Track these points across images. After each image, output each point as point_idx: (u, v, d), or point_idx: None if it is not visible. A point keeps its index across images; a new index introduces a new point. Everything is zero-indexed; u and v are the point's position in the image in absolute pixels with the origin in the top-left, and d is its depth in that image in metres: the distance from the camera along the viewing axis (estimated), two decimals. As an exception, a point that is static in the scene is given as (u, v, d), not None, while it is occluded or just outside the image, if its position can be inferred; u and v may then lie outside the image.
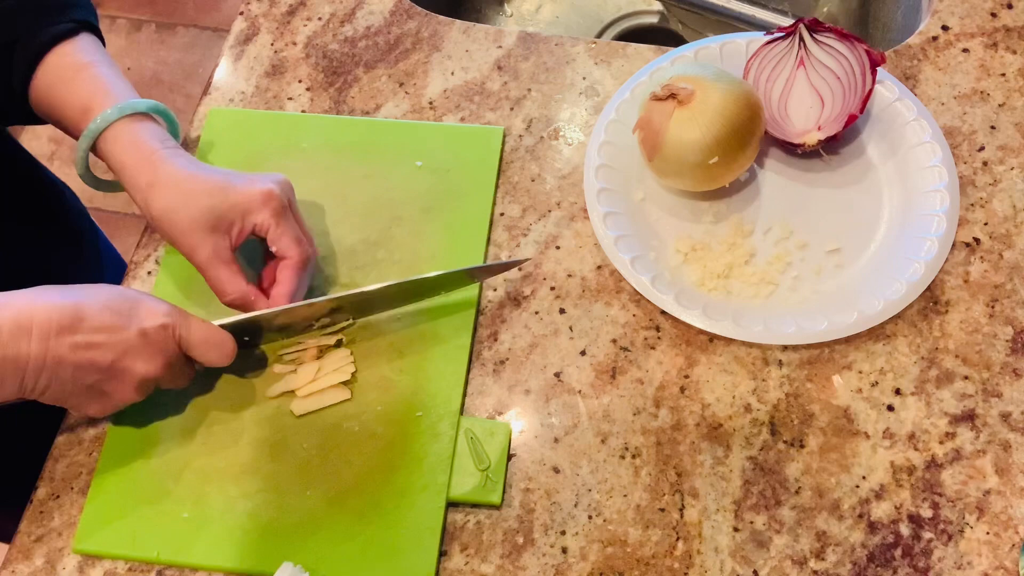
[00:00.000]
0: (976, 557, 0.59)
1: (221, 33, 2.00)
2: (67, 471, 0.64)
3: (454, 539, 0.61)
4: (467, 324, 0.67)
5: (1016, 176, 0.72)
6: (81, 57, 0.65)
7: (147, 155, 0.63)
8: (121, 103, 0.63)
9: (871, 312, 0.65)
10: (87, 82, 0.65)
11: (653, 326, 0.67)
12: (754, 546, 0.60)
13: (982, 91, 0.75)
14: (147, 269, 0.71)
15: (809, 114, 0.71)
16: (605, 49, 0.80)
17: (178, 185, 0.62)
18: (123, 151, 0.63)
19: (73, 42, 0.66)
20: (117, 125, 0.63)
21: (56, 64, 0.65)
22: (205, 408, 0.65)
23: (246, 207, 0.62)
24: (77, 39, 0.66)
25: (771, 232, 0.70)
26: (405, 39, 0.81)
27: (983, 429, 0.63)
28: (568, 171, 0.74)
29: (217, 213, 0.62)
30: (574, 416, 0.64)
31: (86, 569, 0.61)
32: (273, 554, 0.60)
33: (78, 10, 0.67)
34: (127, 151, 0.63)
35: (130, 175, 0.63)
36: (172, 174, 0.62)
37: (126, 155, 0.63)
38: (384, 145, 0.75)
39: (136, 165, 0.63)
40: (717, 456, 0.63)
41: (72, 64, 0.65)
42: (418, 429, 0.63)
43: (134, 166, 0.63)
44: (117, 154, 0.63)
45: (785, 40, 0.72)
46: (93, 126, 0.63)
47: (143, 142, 0.63)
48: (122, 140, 0.63)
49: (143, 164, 0.63)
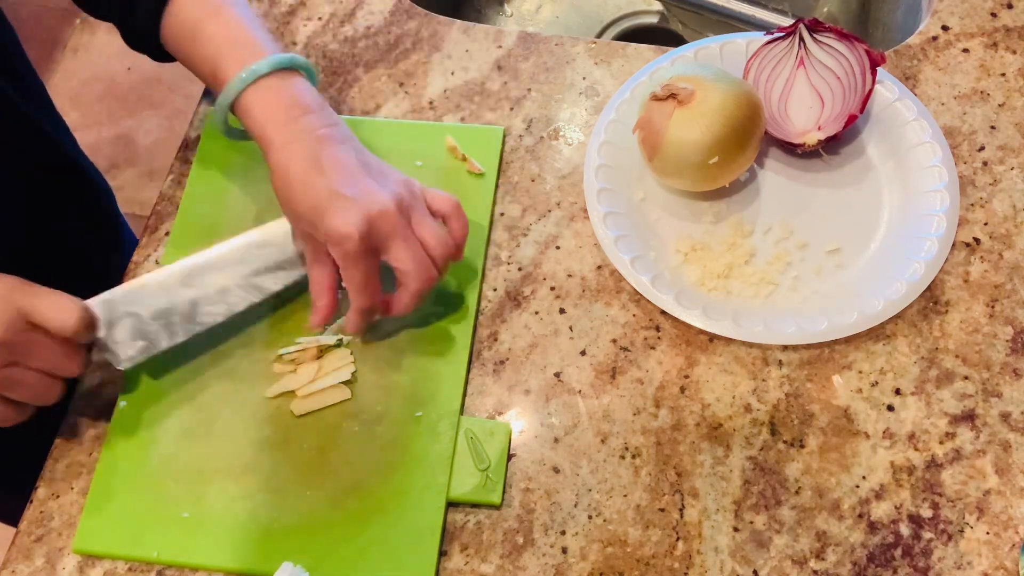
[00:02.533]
0: (976, 557, 0.59)
1: (221, 33, 2.00)
2: (67, 471, 0.64)
3: (454, 539, 0.61)
4: (467, 324, 0.67)
5: (1016, 176, 0.72)
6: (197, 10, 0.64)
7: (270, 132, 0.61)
8: (243, 72, 0.61)
9: (871, 312, 0.65)
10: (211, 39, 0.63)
11: (653, 326, 0.67)
12: (754, 546, 0.60)
13: (982, 91, 0.75)
14: (147, 269, 0.71)
15: (809, 114, 0.71)
16: (605, 49, 0.80)
17: (288, 183, 0.60)
18: (252, 124, 0.62)
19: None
20: (243, 96, 0.62)
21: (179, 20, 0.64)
22: (205, 408, 0.65)
23: (326, 239, 0.60)
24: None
25: (771, 232, 0.70)
26: (405, 39, 0.81)
27: (983, 429, 0.63)
28: (568, 171, 0.74)
29: (309, 229, 0.61)
30: (574, 416, 0.64)
31: (86, 569, 0.61)
32: (273, 554, 0.60)
33: None
34: (255, 125, 0.62)
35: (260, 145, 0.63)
36: (286, 165, 0.61)
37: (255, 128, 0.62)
38: (384, 145, 0.75)
39: (262, 142, 0.62)
40: (717, 456, 0.63)
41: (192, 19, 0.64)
42: (418, 429, 0.63)
43: (261, 142, 0.62)
44: (248, 126, 0.63)
45: (785, 40, 0.72)
46: (221, 101, 0.62)
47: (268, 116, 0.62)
48: (249, 113, 0.62)
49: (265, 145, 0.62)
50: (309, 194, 0.59)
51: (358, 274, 0.60)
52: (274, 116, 0.62)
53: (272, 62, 0.62)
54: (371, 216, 0.59)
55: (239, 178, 0.74)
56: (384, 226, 0.59)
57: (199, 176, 0.74)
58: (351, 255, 0.59)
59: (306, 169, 0.60)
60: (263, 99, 0.62)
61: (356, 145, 0.63)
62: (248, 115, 0.62)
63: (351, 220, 0.58)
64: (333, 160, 0.60)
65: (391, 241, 0.60)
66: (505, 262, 0.70)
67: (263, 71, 0.62)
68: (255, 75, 0.62)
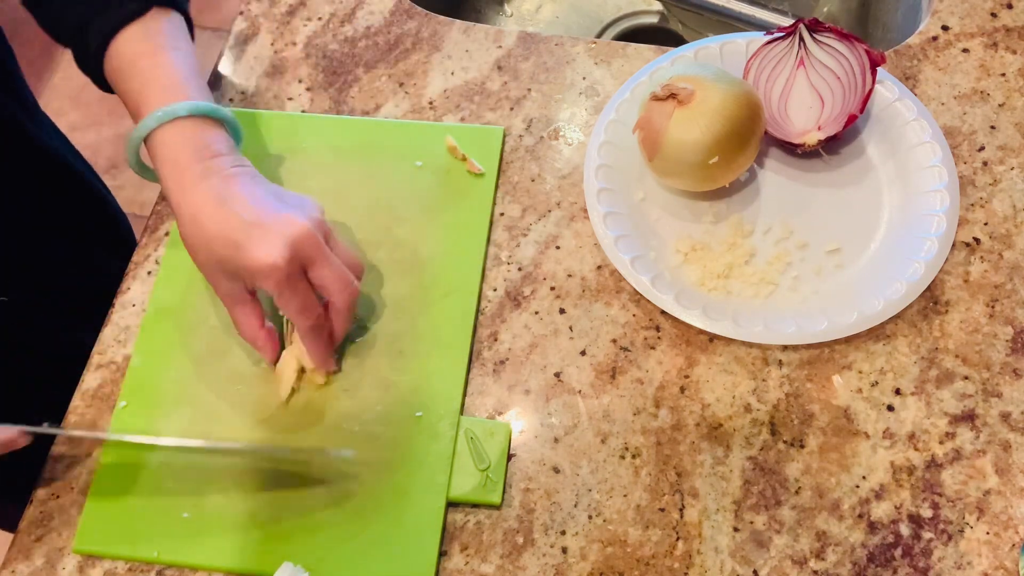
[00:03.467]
0: (976, 557, 0.59)
1: (221, 33, 2.00)
2: (67, 471, 0.64)
3: (454, 539, 0.61)
4: (467, 324, 0.67)
5: (1016, 176, 0.72)
6: (142, 44, 0.63)
7: (180, 174, 0.61)
8: (159, 111, 0.61)
9: (871, 312, 0.65)
10: (140, 77, 0.63)
11: (653, 326, 0.67)
12: (754, 546, 0.60)
13: (982, 91, 0.75)
14: (147, 269, 0.71)
15: (809, 114, 0.71)
16: (605, 49, 0.80)
17: (198, 224, 0.59)
18: (161, 165, 0.62)
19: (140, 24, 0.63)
20: (156, 134, 0.61)
21: (120, 52, 0.63)
22: (205, 409, 0.65)
23: (251, 273, 0.59)
24: (143, 21, 0.64)
25: (771, 232, 0.70)
26: (405, 39, 0.81)
27: (983, 429, 0.63)
28: (568, 171, 0.74)
29: (230, 267, 0.60)
30: (574, 416, 0.64)
31: (86, 569, 0.61)
32: (273, 554, 0.60)
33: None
34: (165, 165, 0.61)
35: (165, 189, 0.62)
36: (195, 207, 0.60)
37: (164, 168, 0.61)
38: (384, 145, 0.75)
39: (168, 185, 0.61)
40: (717, 456, 0.63)
41: (132, 53, 0.63)
42: (418, 429, 0.63)
43: (167, 185, 0.61)
44: (156, 166, 0.62)
45: (785, 40, 0.72)
46: (134, 135, 0.62)
47: (177, 157, 0.61)
48: (159, 153, 0.61)
49: (173, 187, 0.61)
50: (224, 230, 0.58)
51: (295, 299, 0.60)
52: (182, 157, 0.61)
53: (191, 107, 0.61)
54: (292, 240, 0.58)
55: (239, 178, 0.74)
56: (306, 248, 0.59)
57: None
58: (282, 282, 0.58)
59: (216, 207, 0.59)
60: (173, 140, 0.61)
61: (265, 182, 0.63)
62: (156, 154, 0.62)
63: (274, 248, 0.58)
64: (244, 194, 0.60)
65: (314, 262, 0.60)
66: (505, 262, 0.70)
67: (180, 113, 0.61)
68: (171, 115, 0.61)
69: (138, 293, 0.70)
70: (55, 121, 0.89)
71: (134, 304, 0.70)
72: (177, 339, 0.68)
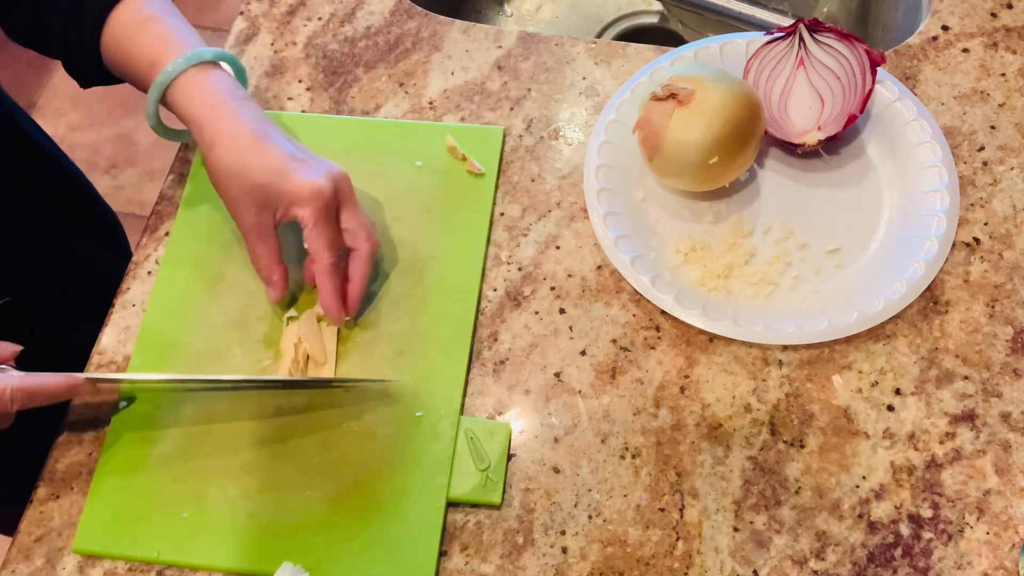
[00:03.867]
0: (976, 557, 0.59)
1: (221, 33, 2.00)
2: (67, 471, 0.64)
3: (454, 539, 0.61)
4: (467, 324, 0.67)
5: (1016, 176, 0.72)
6: (145, 10, 0.65)
7: (214, 108, 0.62)
8: (187, 53, 0.63)
9: (871, 312, 0.65)
10: (152, 36, 0.64)
11: (653, 326, 0.67)
12: (754, 546, 0.60)
13: (982, 91, 0.75)
14: (147, 269, 0.71)
15: (809, 114, 0.71)
16: (605, 49, 0.80)
17: (237, 152, 0.61)
18: (190, 102, 0.63)
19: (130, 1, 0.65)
20: (183, 77, 0.63)
21: (121, 20, 0.65)
22: (205, 408, 0.65)
23: (293, 198, 0.61)
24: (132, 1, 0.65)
25: (771, 232, 0.70)
26: (405, 39, 0.81)
27: (983, 429, 0.63)
28: (568, 171, 0.74)
29: (267, 194, 0.61)
30: (574, 416, 0.64)
31: (86, 569, 0.61)
32: (273, 554, 0.60)
33: None
34: (194, 103, 0.63)
35: (197, 128, 0.63)
36: (234, 136, 0.62)
37: (193, 106, 0.63)
38: (384, 145, 0.75)
39: (203, 117, 0.62)
40: (717, 456, 0.63)
41: (136, 19, 0.65)
42: (418, 429, 0.63)
43: (201, 118, 0.63)
44: (184, 106, 0.63)
45: (785, 40, 0.72)
46: (160, 78, 0.63)
47: (210, 94, 0.63)
48: (189, 92, 0.63)
49: (209, 117, 0.62)
50: (267, 159, 0.61)
51: (327, 231, 0.62)
52: (215, 93, 0.63)
53: (216, 53, 0.64)
54: (334, 175, 0.62)
55: (239, 178, 0.74)
56: (343, 186, 0.63)
57: (199, 176, 0.74)
58: (321, 210, 0.61)
59: (257, 138, 0.61)
60: (203, 78, 0.63)
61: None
62: (186, 92, 0.63)
63: (320, 176, 0.61)
64: (281, 134, 0.63)
65: (346, 204, 0.63)
66: (505, 262, 0.70)
67: (206, 57, 0.63)
68: (197, 59, 0.63)
69: (138, 293, 0.70)
70: (55, 121, 0.89)
71: (134, 304, 0.70)
72: (177, 339, 0.67)
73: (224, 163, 0.62)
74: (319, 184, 0.61)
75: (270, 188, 0.61)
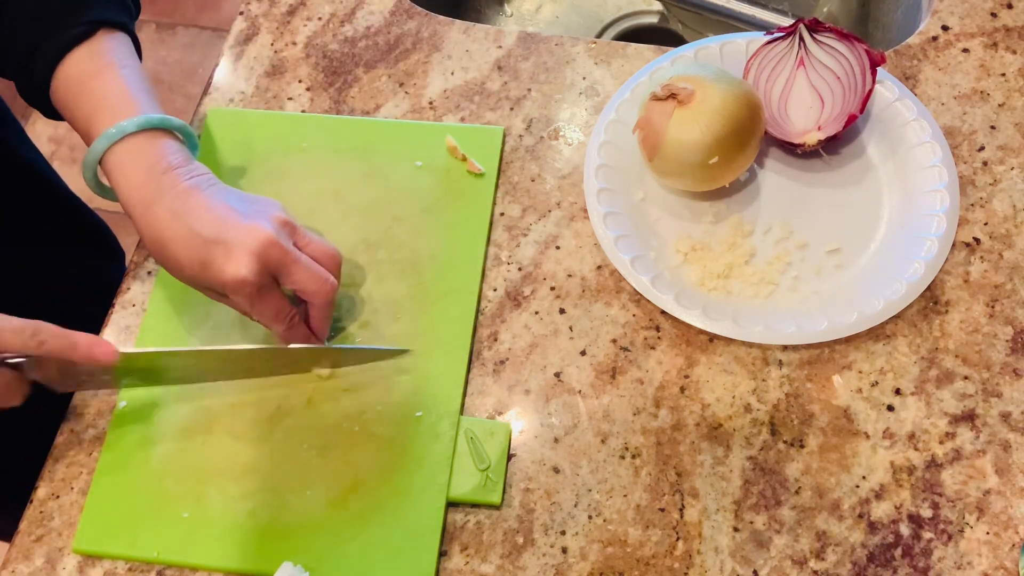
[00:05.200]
0: (976, 557, 0.59)
1: (221, 33, 2.00)
2: (67, 471, 0.64)
3: (454, 539, 0.61)
4: (467, 324, 0.67)
5: (1016, 176, 0.72)
6: (87, 66, 0.62)
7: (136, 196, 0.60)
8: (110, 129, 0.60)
9: (871, 312, 0.65)
10: (87, 97, 0.62)
11: (653, 326, 0.67)
12: (754, 546, 0.60)
13: (982, 91, 0.75)
14: (147, 269, 0.71)
15: (809, 114, 0.71)
16: (605, 49, 0.80)
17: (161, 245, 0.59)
18: (116, 187, 0.61)
19: (87, 46, 0.63)
20: (109, 155, 0.60)
21: (66, 75, 0.62)
22: (205, 408, 0.65)
23: (223, 288, 0.59)
24: (91, 42, 0.63)
25: (771, 232, 0.70)
26: (405, 39, 0.81)
27: (983, 429, 0.63)
28: (568, 171, 0.74)
29: (201, 285, 0.60)
30: (574, 416, 0.64)
31: (86, 569, 0.61)
32: (273, 554, 0.60)
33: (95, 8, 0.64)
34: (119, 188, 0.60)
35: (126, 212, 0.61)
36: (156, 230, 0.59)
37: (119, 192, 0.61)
38: (384, 145, 0.75)
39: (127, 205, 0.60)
40: (717, 456, 0.63)
41: (78, 75, 0.62)
42: (418, 429, 0.63)
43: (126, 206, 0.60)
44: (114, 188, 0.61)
45: (785, 40, 0.72)
46: (88, 157, 0.61)
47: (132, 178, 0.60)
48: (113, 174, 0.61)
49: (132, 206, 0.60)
50: (187, 251, 0.58)
51: (268, 308, 0.60)
52: (135, 178, 0.60)
53: (140, 121, 0.60)
54: (257, 252, 0.58)
55: (239, 178, 0.74)
56: (273, 256, 0.58)
57: (199, 176, 0.74)
58: (253, 296, 0.59)
59: (176, 228, 0.58)
60: (125, 160, 0.60)
61: (222, 187, 0.62)
62: (111, 177, 0.61)
63: (240, 263, 0.57)
64: (200, 209, 0.59)
65: (284, 267, 0.59)
66: (505, 262, 0.70)
67: (129, 130, 0.60)
68: (121, 133, 0.60)
69: (138, 293, 0.70)
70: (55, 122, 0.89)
71: (134, 304, 0.70)
72: (177, 339, 0.67)
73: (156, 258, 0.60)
74: (239, 276, 0.57)
75: (201, 280, 0.59)
